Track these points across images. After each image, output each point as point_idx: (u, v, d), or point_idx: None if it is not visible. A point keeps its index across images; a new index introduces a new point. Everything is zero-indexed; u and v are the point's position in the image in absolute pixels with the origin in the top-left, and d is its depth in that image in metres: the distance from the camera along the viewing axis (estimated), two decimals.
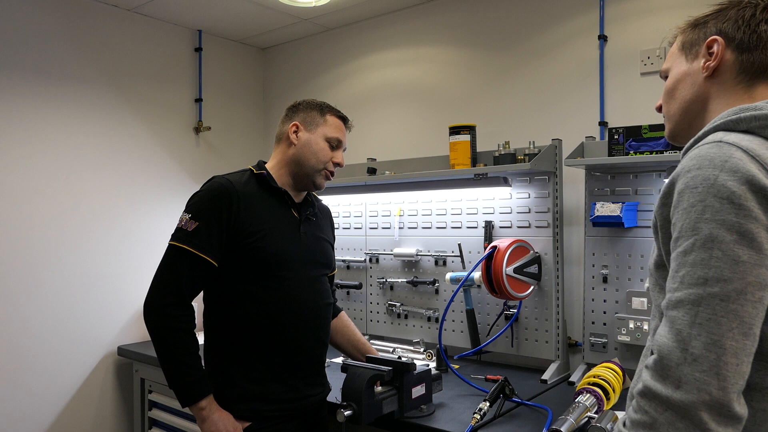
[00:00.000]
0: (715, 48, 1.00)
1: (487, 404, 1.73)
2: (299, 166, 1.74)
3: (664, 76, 1.11)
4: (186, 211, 1.65)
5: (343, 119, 1.81)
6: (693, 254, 0.83)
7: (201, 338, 1.71)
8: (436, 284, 2.64)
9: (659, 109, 1.12)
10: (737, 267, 0.80)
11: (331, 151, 1.76)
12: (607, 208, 2.09)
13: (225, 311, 1.68)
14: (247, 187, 1.69)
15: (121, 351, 2.90)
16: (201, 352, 1.67)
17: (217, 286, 1.68)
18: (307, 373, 1.73)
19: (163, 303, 1.58)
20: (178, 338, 1.59)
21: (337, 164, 1.79)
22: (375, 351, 2.02)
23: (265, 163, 1.80)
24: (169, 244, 1.63)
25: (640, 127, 2.04)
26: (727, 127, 0.91)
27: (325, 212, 1.96)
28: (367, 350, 2.01)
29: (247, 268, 1.65)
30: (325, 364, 1.85)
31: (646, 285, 1.02)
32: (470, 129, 2.43)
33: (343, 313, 2.06)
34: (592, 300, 2.23)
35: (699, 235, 0.82)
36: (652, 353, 0.86)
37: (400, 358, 2.02)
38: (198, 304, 1.67)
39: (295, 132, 1.75)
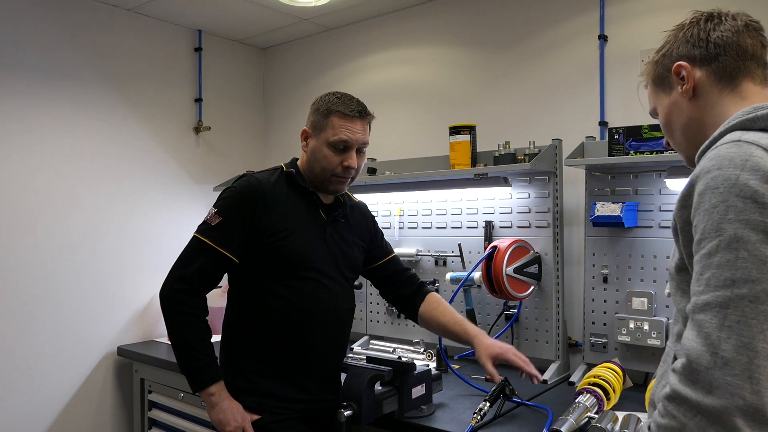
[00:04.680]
0: (683, 72, 1.03)
1: (487, 404, 1.72)
2: (312, 173, 1.72)
3: (655, 115, 1.14)
4: (214, 205, 1.68)
5: (353, 115, 1.67)
6: (718, 256, 0.82)
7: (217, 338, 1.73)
8: (436, 284, 2.64)
9: (667, 144, 1.14)
10: (765, 267, 0.78)
11: (338, 156, 1.66)
12: (607, 208, 2.09)
13: (244, 306, 1.70)
14: (276, 186, 1.70)
15: (121, 351, 2.89)
16: (217, 346, 1.69)
17: (240, 281, 1.71)
18: (319, 376, 1.72)
19: (173, 289, 1.63)
20: (187, 322, 1.62)
21: (348, 167, 1.67)
22: (471, 328, 1.78)
23: (298, 160, 1.79)
24: (193, 234, 1.67)
25: (640, 127, 2.04)
26: (744, 126, 0.91)
27: (359, 210, 1.90)
28: (460, 331, 1.79)
29: (268, 266, 1.66)
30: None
31: (667, 291, 1.02)
32: (470, 129, 2.42)
33: (430, 296, 1.89)
34: (592, 300, 2.23)
35: (723, 236, 0.81)
36: (675, 358, 0.85)
37: (400, 358, 2.02)
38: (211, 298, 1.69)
39: (306, 139, 1.74)
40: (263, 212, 1.64)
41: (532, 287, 2.27)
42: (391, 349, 2.57)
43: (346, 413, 1.61)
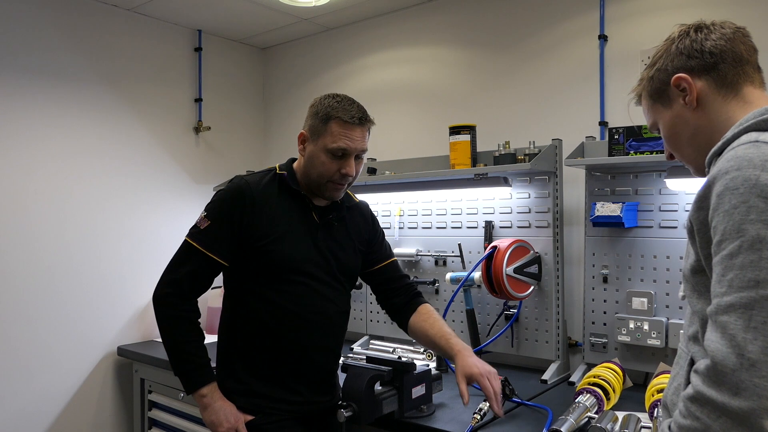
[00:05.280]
0: (683, 84, 1.02)
1: (487, 404, 1.72)
2: (308, 178, 1.69)
3: (655, 130, 1.13)
4: (204, 209, 1.68)
5: (353, 122, 1.62)
6: (741, 256, 0.81)
7: (211, 338, 1.73)
8: (436, 284, 2.64)
9: (670, 157, 1.13)
10: None
11: (335, 162, 1.63)
12: (607, 208, 2.09)
13: (237, 310, 1.70)
14: (268, 188, 1.68)
15: (121, 351, 2.90)
16: (214, 348, 1.69)
17: (232, 284, 1.72)
18: (312, 379, 1.71)
19: (165, 293, 1.64)
20: (178, 326, 1.63)
21: (346, 175, 1.64)
22: (456, 343, 1.70)
23: (294, 160, 1.77)
24: (185, 238, 1.67)
25: (640, 127, 2.04)
26: (759, 126, 0.91)
27: (360, 211, 1.85)
28: (445, 345, 1.72)
29: (259, 270, 1.65)
30: (336, 372, 1.81)
31: (681, 293, 1.01)
32: (470, 129, 2.42)
33: (422, 308, 1.84)
34: (592, 300, 2.23)
35: (745, 237, 0.81)
36: (692, 360, 0.84)
37: (400, 358, 2.02)
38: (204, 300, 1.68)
39: (303, 142, 1.70)
40: (252, 215, 1.63)
41: (532, 287, 2.27)
42: (391, 349, 2.58)
43: (346, 413, 1.61)
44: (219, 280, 1.72)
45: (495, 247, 2.19)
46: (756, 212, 0.80)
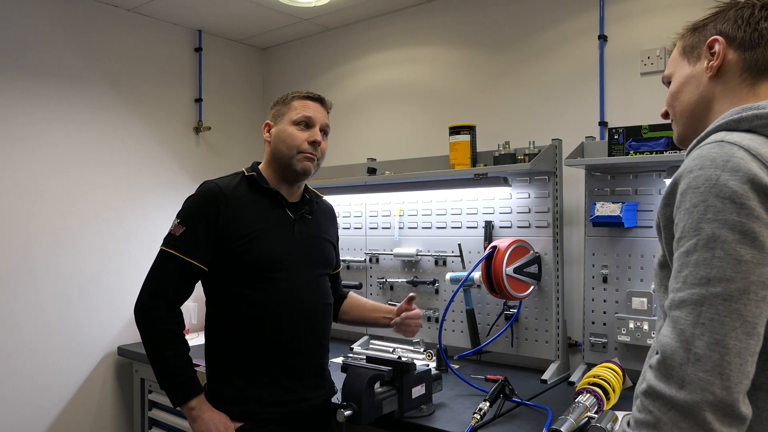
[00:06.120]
0: (716, 48, 1.01)
1: (487, 404, 1.73)
2: (277, 159, 1.73)
3: (667, 82, 1.12)
4: (176, 216, 1.68)
5: (311, 98, 1.76)
6: (695, 254, 0.83)
7: (201, 339, 1.71)
8: (436, 284, 2.64)
9: (665, 115, 1.13)
10: (739, 266, 0.80)
11: (302, 133, 1.70)
12: (607, 208, 2.10)
13: (222, 314, 1.69)
14: (238, 190, 1.69)
15: (121, 351, 2.90)
16: (202, 354, 1.68)
17: (213, 289, 1.70)
18: (304, 375, 1.72)
19: (150, 306, 1.62)
20: (165, 339, 1.61)
21: (314, 143, 1.71)
22: (391, 309, 1.97)
23: (259, 164, 1.80)
24: (160, 248, 1.66)
25: (640, 127, 2.04)
26: (729, 126, 0.92)
27: (327, 210, 1.93)
28: (385, 309, 1.99)
29: (240, 271, 1.65)
30: (327, 366, 1.83)
31: (653, 286, 1.02)
32: (470, 129, 2.43)
33: (351, 293, 2.06)
34: (592, 300, 2.23)
35: (701, 235, 0.83)
36: (657, 353, 0.86)
37: (400, 358, 2.02)
38: (199, 304, 1.68)
39: (268, 130, 1.77)
40: (226, 217, 1.63)
41: (532, 287, 2.28)
42: (391, 349, 2.57)
43: (346, 413, 1.61)
44: None
45: (495, 247, 2.19)
46: (713, 212, 0.82)
